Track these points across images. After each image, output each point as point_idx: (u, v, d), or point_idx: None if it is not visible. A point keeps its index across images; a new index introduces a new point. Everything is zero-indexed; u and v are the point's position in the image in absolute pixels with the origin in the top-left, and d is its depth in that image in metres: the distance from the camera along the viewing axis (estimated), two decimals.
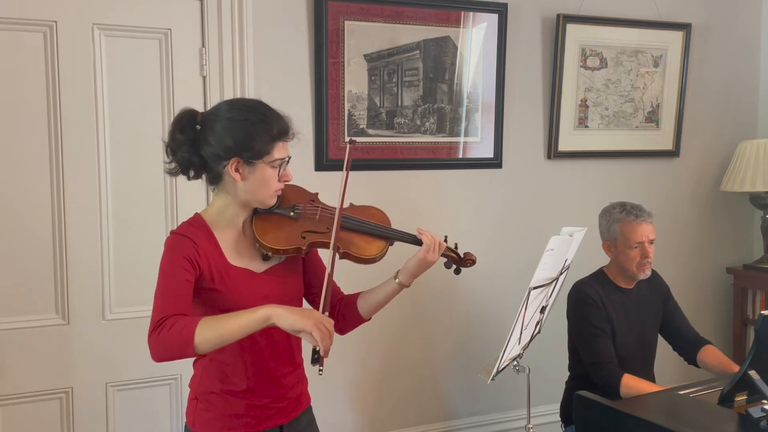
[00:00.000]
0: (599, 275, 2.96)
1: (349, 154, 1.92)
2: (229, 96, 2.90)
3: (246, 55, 2.94)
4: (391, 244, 2.02)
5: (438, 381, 3.47)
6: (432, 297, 3.39)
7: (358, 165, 3.18)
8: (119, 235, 2.83)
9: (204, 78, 2.91)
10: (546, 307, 2.39)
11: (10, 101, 2.66)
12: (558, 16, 3.51)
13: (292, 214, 1.91)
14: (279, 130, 1.84)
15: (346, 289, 2.15)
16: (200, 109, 2.98)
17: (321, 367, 1.74)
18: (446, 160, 3.38)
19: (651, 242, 2.85)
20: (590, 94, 3.66)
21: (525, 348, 2.39)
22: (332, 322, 1.75)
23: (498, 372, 2.26)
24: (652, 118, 3.82)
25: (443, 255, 2.07)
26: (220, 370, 1.90)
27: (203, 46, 2.90)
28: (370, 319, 2.08)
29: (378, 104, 3.21)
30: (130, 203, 2.84)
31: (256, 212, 1.91)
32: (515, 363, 2.36)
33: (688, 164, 3.97)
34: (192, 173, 1.87)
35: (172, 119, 2.83)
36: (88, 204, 2.78)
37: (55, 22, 2.69)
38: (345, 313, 2.07)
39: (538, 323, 2.41)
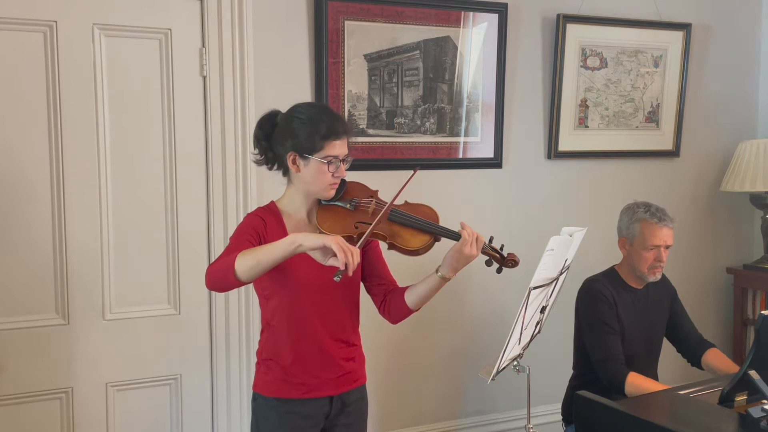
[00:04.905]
0: (611, 273, 2.96)
1: (411, 177, 2.17)
2: (229, 96, 2.91)
3: (246, 55, 2.93)
4: (438, 240, 2.18)
5: (438, 381, 3.47)
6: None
7: (358, 165, 3.17)
8: (119, 235, 2.83)
9: (204, 78, 2.91)
10: (546, 307, 2.39)
11: (10, 101, 2.66)
12: (558, 16, 3.51)
13: (349, 206, 2.16)
14: (328, 129, 2.07)
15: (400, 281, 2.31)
16: (200, 108, 3.00)
17: (339, 277, 1.88)
18: (446, 160, 3.38)
19: (667, 247, 2.85)
20: (590, 94, 3.66)
21: (525, 348, 2.39)
22: (357, 250, 1.90)
23: (498, 372, 2.26)
24: (652, 118, 3.82)
25: (483, 253, 2.20)
26: (273, 341, 2.15)
27: (203, 46, 2.90)
28: (418, 309, 2.24)
29: (378, 104, 3.21)
30: (130, 203, 2.84)
31: (321, 203, 2.16)
32: (515, 363, 2.36)
33: (688, 164, 3.97)
34: (270, 165, 2.18)
35: (172, 119, 2.86)
36: (88, 204, 2.78)
37: (55, 22, 2.69)
38: (391, 301, 2.24)
39: (538, 323, 2.41)
